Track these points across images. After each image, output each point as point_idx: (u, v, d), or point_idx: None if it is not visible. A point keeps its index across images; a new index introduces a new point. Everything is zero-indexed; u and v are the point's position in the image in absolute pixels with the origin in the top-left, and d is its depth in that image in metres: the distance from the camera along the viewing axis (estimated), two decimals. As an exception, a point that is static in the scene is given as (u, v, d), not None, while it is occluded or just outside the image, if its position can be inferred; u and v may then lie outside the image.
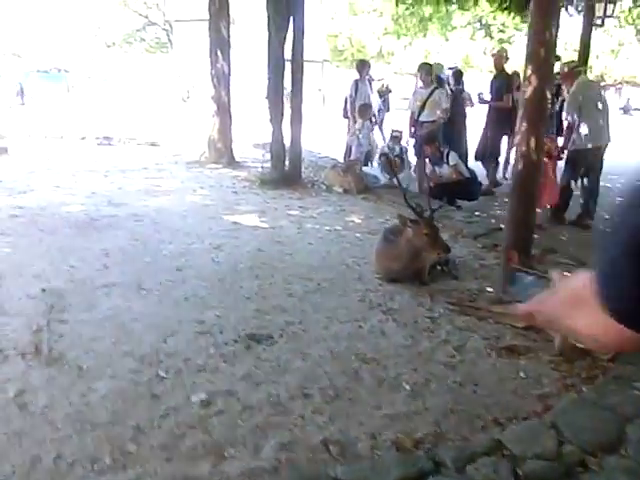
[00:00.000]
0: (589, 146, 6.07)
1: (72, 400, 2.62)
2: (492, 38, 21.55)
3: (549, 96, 3.63)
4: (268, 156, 9.38)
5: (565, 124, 6.80)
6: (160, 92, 25.48)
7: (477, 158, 8.56)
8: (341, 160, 9.06)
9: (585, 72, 6.74)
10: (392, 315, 3.70)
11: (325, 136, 12.65)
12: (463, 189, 7.22)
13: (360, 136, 8.68)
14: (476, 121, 8.96)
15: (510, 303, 3.68)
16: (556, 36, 3.49)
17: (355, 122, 8.93)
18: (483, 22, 21.21)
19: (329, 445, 2.39)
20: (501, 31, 22.14)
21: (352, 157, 8.40)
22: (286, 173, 7.84)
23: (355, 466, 2.21)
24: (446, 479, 2.14)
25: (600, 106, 6.23)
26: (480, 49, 21.08)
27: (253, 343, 3.23)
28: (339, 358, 3.13)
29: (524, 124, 3.55)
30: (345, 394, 2.78)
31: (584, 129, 5.97)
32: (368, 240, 5.36)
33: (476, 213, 6.83)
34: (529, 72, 3.48)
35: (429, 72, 7.77)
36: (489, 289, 4.20)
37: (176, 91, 26.19)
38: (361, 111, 8.81)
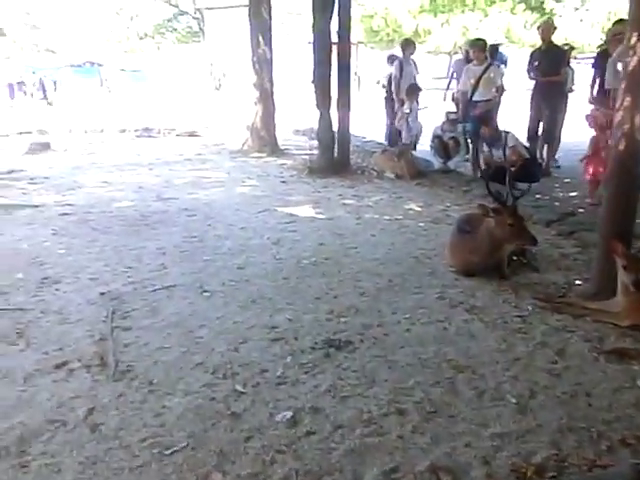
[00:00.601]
0: None
1: (146, 420, 2.40)
2: (533, 11, 20.64)
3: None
4: (313, 143, 9.12)
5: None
6: (194, 82, 25.37)
7: (530, 138, 8.07)
8: (386, 144, 8.70)
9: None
10: (477, 314, 3.38)
11: (365, 120, 12.25)
12: (523, 171, 6.78)
13: (409, 119, 8.29)
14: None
15: (608, 299, 3.33)
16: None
17: (402, 104, 8.54)
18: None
19: (438, 472, 2.11)
20: (541, 2, 21.22)
21: (403, 141, 8.01)
22: (335, 160, 7.54)
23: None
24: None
25: None
26: (521, 23, 20.20)
27: (332, 350, 2.96)
28: (429, 366, 2.83)
29: (627, 99, 3.14)
30: (444, 409, 2.49)
31: None
32: (432, 230, 5.04)
33: (537, 196, 6.37)
34: (634, 40, 3.07)
35: (483, 48, 7.30)
36: (578, 282, 3.83)
37: (209, 80, 26.06)
38: (409, 92, 8.40)
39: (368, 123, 11.38)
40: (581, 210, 5.67)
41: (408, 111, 8.43)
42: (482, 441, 2.29)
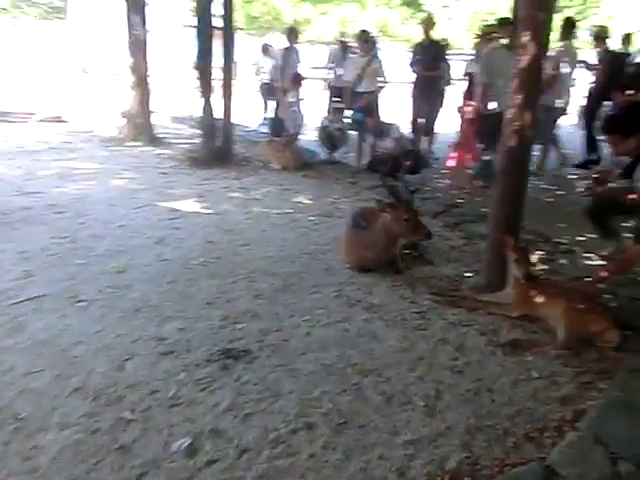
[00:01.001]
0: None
1: (12, 467, 2.02)
2: (409, 6, 21.37)
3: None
4: (192, 131, 8.67)
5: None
6: (57, 62, 23.27)
7: (412, 130, 8.29)
8: (270, 134, 8.49)
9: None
10: (377, 313, 3.31)
11: (243, 108, 11.93)
12: (404, 163, 6.91)
13: (294, 109, 8.15)
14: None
15: (498, 291, 3.42)
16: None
17: (285, 94, 8.38)
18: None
19: (354, 492, 1.98)
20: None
21: (288, 131, 7.84)
22: (218, 150, 7.20)
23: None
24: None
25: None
26: (397, 17, 20.83)
27: (230, 362, 2.72)
28: (334, 372, 2.69)
29: (519, 97, 3.20)
30: (353, 419, 2.36)
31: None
32: (324, 224, 4.93)
33: (417, 186, 6.48)
34: (525, 38, 3.12)
35: (368, 39, 7.33)
36: (468, 274, 3.90)
37: (74, 61, 24.05)
38: (293, 81, 8.26)
39: (247, 112, 11.07)
40: (461, 200, 5.87)
41: (293, 100, 8.29)
42: (395, 450, 2.20)
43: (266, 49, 10.70)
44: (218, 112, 7.16)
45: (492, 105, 6.21)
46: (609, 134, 4.06)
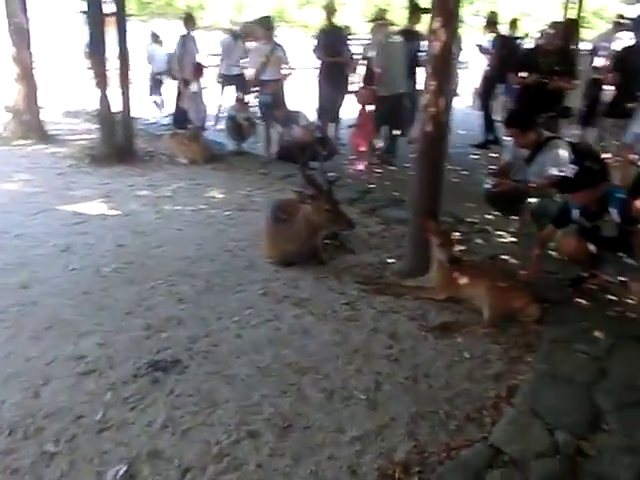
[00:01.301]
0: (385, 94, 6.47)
1: None
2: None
3: (454, 52, 3.35)
4: (88, 126, 8.16)
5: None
6: None
7: (319, 117, 8.27)
8: (173, 127, 8.14)
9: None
10: (306, 307, 3.25)
11: (140, 100, 11.37)
12: (316, 150, 6.89)
13: (197, 100, 7.86)
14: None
15: (422, 276, 3.47)
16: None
17: (186, 84, 8.05)
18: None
19: (308, 499, 1.92)
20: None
21: (194, 123, 7.55)
22: (118, 146, 6.78)
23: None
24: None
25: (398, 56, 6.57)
26: (294, 3, 20.67)
27: (159, 374, 2.56)
28: (270, 374, 2.61)
29: (432, 83, 3.23)
30: (297, 421, 2.30)
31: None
32: (240, 218, 4.79)
33: (332, 175, 6.48)
34: (436, 25, 3.14)
35: (270, 26, 7.18)
36: (390, 260, 3.94)
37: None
38: (195, 71, 7.95)
39: (144, 104, 10.55)
40: (372, 186, 5.92)
41: (195, 91, 7.99)
42: (343, 449, 2.16)
43: (156, 37, 10.21)
44: (115, 105, 6.74)
45: (389, 89, 6.48)
46: (509, 128, 4.29)
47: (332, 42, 7.45)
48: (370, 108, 6.69)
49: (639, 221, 3.00)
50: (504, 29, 8.31)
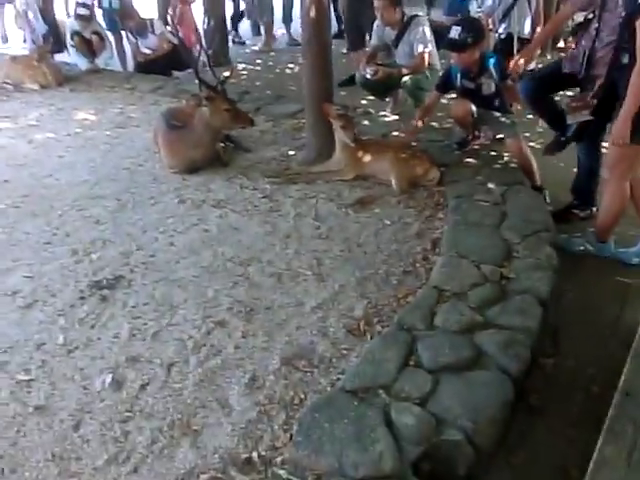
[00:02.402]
0: None
1: None
2: None
3: None
4: None
5: None
6: None
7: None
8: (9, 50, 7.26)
9: None
10: (226, 207, 3.30)
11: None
12: (176, 58, 6.56)
13: (30, 16, 6.97)
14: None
15: (328, 160, 3.65)
16: None
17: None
18: None
19: (292, 363, 2.10)
20: None
21: (31, 44, 6.76)
22: (-49, 79, 5.94)
23: (357, 369, 1.98)
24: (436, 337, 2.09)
25: None
26: None
27: (106, 292, 2.53)
28: (217, 270, 2.69)
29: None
30: (257, 305, 2.44)
31: None
32: (124, 135, 4.57)
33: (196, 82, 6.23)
34: None
35: None
36: (291, 152, 4.04)
37: None
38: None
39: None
40: (244, 88, 5.82)
41: (24, 8, 7.07)
42: (307, 318, 2.36)
43: None
44: None
45: None
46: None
47: None
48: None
49: (509, 78, 3.37)
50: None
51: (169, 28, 6.77)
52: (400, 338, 2.11)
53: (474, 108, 3.63)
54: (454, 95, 3.88)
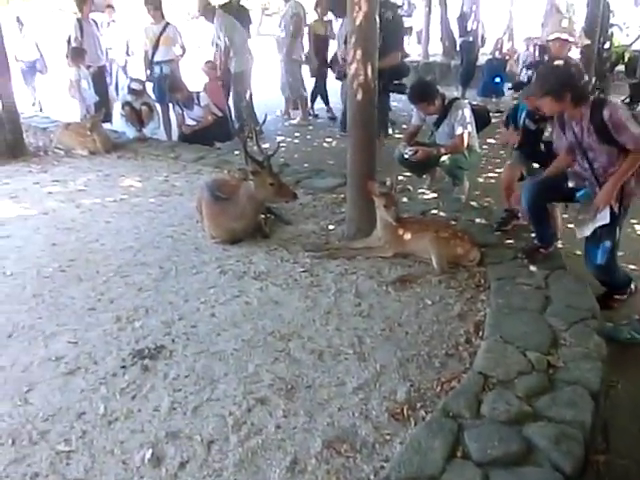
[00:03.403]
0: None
1: None
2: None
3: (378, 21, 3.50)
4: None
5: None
6: None
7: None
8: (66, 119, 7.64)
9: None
10: (267, 279, 3.33)
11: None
12: (219, 130, 6.84)
13: (82, 88, 7.39)
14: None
15: (367, 236, 3.68)
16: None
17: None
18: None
19: (334, 446, 2.05)
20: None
21: (83, 113, 7.14)
22: (8, 142, 6.27)
23: (403, 458, 1.92)
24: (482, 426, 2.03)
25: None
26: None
27: (147, 362, 2.54)
28: (257, 345, 2.68)
29: (358, 52, 3.37)
30: (298, 383, 2.41)
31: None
32: (168, 204, 4.70)
33: (236, 152, 6.41)
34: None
35: (157, 5, 6.92)
36: (330, 227, 4.10)
37: None
38: (73, 57, 7.46)
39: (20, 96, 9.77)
40: (283, 160, 5.99)
41: (76, 79, 7.51)
42: (349, 399, 2.31)
43: (21, 23, 9.44)
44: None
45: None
46: (417, 104, 4.66)
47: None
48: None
49: None
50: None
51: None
52: (446, 426, 2.06)
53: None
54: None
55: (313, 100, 8.72)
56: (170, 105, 7.25)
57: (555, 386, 2.28)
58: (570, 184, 3.16)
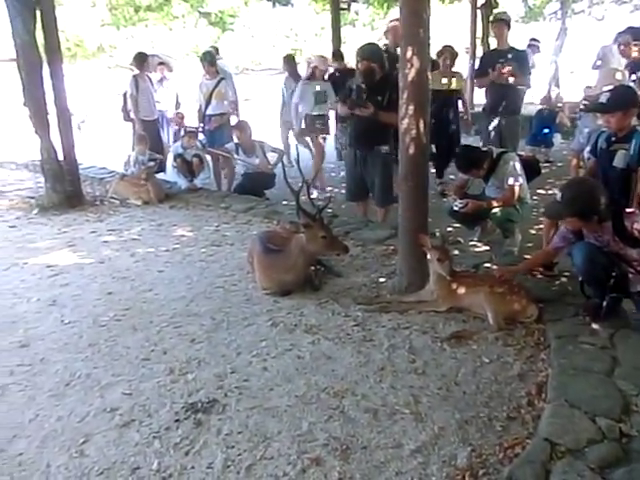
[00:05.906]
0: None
1: None
2: (214, 25, 21.48)
3: (430, 77, 3.55)
4: (23, 175, 7.85)
5: None
6: None
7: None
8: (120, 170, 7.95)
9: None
10: (319, 333, 3.29)
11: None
12: (267, 179, 6.93)
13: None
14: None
15: (419, 290, 3.62)
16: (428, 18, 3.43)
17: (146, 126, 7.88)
18: (202, 10, 20.94)
19: (394, 515, 1.96)
20: (220, 18, 22.19)
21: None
22: (67, 193, 6.54)
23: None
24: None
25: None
26: (208, 37, 20.79)
27: (201, 416, 2.52)
28: (311, 401, 2.63)
29: (410, 107, 3.42)
30: (354, 442, 2.34)
31: None
32: (219, 254, 4.77)
33: (285, 202, 6.47)
34: (409, 54, 3.34)
35: (213, 62, 7.23)
36: (381, 280, 4.06)
37: None
38: (139, 140, 7.76)
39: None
40: (331, 210, 6.01)
41: (134, 160, 7.79)
42: (407, 463, 2.22)
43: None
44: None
45: None
46: (468, 172, 4.72)
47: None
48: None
49: None
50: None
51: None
52: (513, 498, 1.94)
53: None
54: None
55: None
56: (228, 146, 7.28)
57: (630, 457, 2.14)
58: None
